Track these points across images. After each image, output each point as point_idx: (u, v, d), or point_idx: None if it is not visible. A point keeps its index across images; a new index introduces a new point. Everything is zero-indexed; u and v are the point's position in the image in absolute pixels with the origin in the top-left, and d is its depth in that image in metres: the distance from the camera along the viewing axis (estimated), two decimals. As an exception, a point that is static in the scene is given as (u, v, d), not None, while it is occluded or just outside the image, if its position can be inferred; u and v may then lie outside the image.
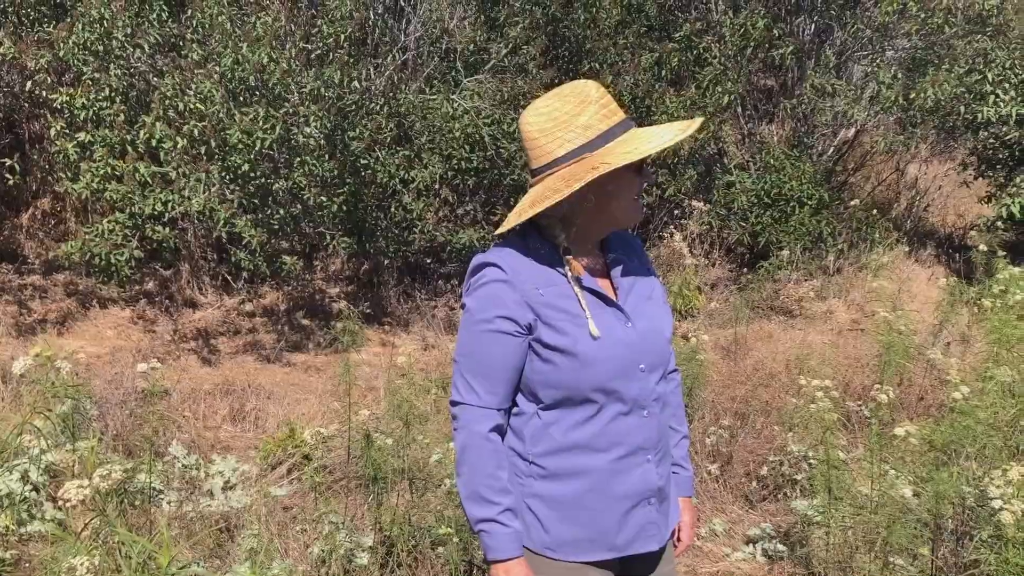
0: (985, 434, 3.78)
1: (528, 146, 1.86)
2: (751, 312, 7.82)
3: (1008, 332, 4.94)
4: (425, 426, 4.34)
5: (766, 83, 10.22)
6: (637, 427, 1.87)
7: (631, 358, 1.85)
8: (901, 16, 8.83)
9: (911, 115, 9.23)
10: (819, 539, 3.86)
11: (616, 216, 1.87)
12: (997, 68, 8.74)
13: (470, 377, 1.84)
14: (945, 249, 9.63)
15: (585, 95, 1.81)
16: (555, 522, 1.86)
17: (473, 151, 7.44)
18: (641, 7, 8.81)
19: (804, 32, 9.30)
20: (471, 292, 1.85)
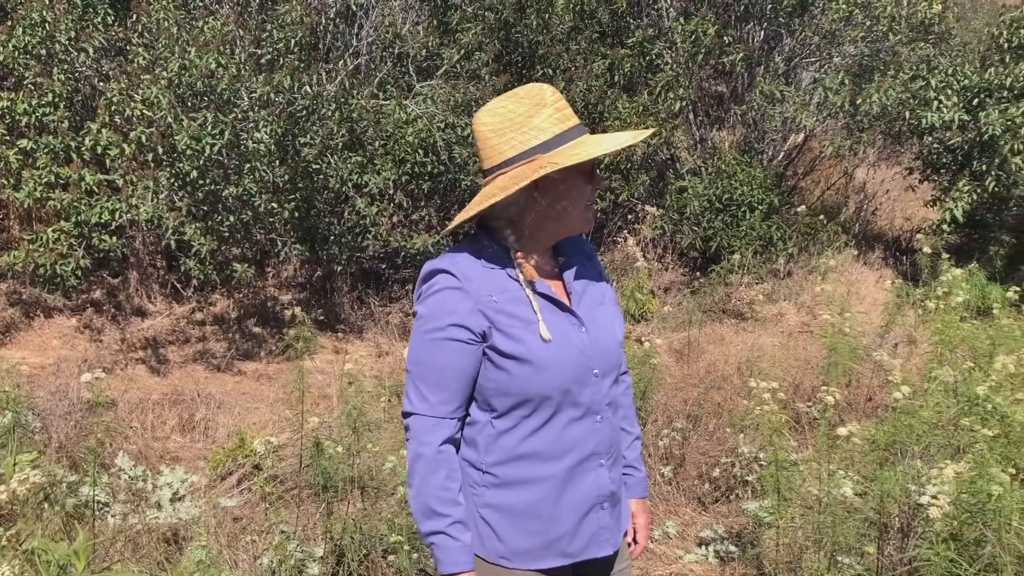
0: (928, 433, 3.86)
1: (481, 146, 1.86)
2: (703, 315, 7.90)
3: (951, 333, 5.05)
4: (378, 434, 4.32)
5: (717, 89, 10.35)
6: (590, 432, 1.87)
7: (584, 363, 1.85)
8: (847, 23, 9.00)
9: (858, 120, 9.41)
10: (769, 539, 3.90)
11: (566, 221, 1.86)
12: (940, 75, 8.94)
13: (422, 386, 1.82)
14: (892, 252, 9.82)
15: (540, 98, 1.81)
16: (509, 531, 1.86)
17: (427, 156, 7.42)
18: (594, 13, 8.86)
19: (754, 39, 9.43)
20: (423, 299, 1.83)
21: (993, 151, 8.22)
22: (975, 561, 2.85)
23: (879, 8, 8.77)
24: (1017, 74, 8.22)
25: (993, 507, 2.78)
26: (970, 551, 3.00)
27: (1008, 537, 2.78)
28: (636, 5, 9.23)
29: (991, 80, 8.47)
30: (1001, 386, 3.59)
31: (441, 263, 1.83)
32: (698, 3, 9.47)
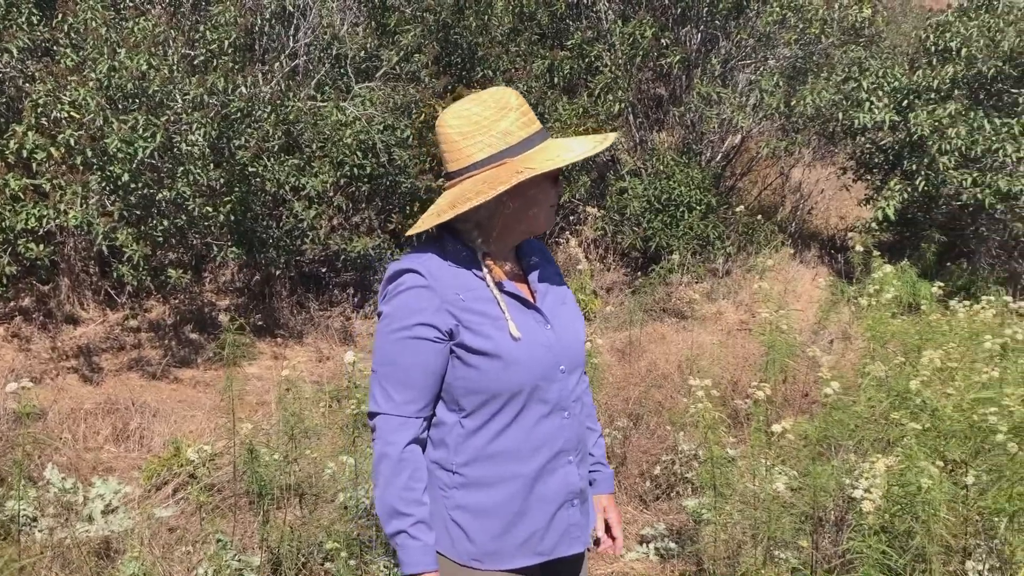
0: (860, 428, 3.94)
1: (446, 148, 1.86)
2: (645, 315, 7.98)
3: (882, 329, 5.17)
4: (317, 440, 4.26)
5: (656, 91, 10.46)
6: (559, 429, 1.89)
7: (551, 360, 1.87)
8: (781, 26, 9.17)
9: (793, 121, 9.59)
10: (708, 536, 3.95)
11: (533, 223, 1.89)
12: (871, 76, 9.16)
13: (389, 386, 1.81)
14: (828, 250, 10.03)
15: (505, 102, 1.83)
16: (480, 531, 1.86)
17: (366, 158, 7.35)
18: (533, 15, 8.89)
19: (691, 41, 9.55)
20: (389, 299, 1.83)
21: (922, 151, 8.45)
22: (905, 552, 2.91)
23: (811, 11, 8.95)
24: (943, 76, 8.46)
25: (922, 499, 2.84)
26: (900, 542, 3.07)
27: (936, 528, 2.85)
28: (575, 7, 9.28)
29: (919, 82, 8.70)
30: (930, 380, 3.68)
31: (407, 263, 1.83)
32: (636, 6, 9.56)
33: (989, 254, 9.14)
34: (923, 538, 2.83)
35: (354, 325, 7.78)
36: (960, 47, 8.39)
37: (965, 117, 7.97)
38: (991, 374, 3.69)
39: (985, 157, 7.74)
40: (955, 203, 9.01)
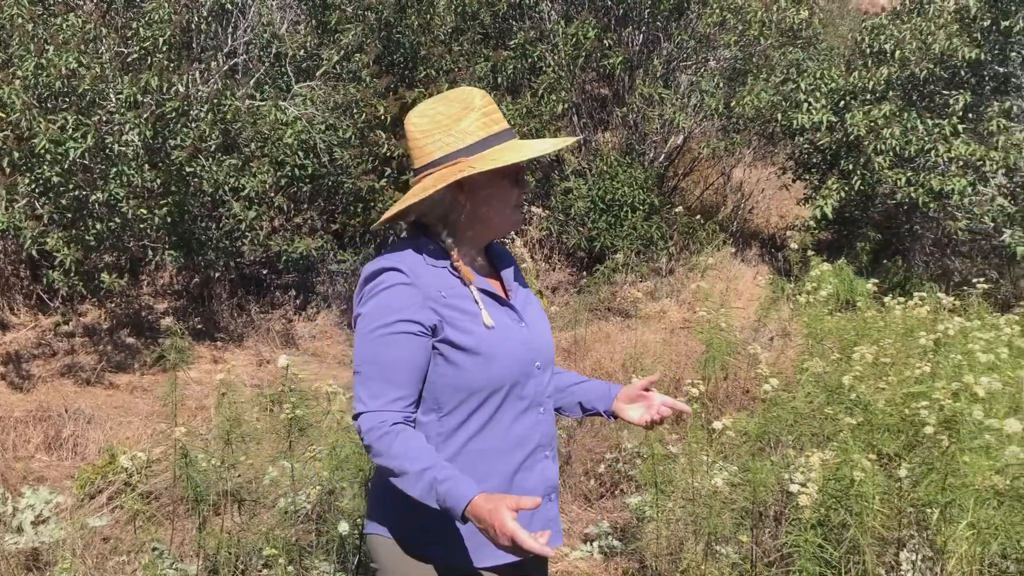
0: (798, 423, 4.00)
1: (410, 146, 1.91)
2: (590, 314, 8.01)
3: (819, 326, 5.26)
4: (257, 445, 4.18)
5: (600, 92, 10.52)
6: (535, 425, 1.91)
7: (527, 355, 1.89)
8: (721, 28, 9.28)
9: (733, 122, 9.72)
10: (650, 533, 3.97)
11: (492, 223, 1.91)
12: (809, 78, 9.33)
13: (374, 384, 1.79)
14: (768, 249, 10.19)
15: (469, 101, 1.86)
16: (463, 530, 1.84)
17: (307, 158, 7.25)
18: (476, 15, 8.87)
19: (633, 42, 9.62)
20: (370, 299, 1.82)
21: (858, 151, 8.63)
22: (840, 545, 2.96)
23: (750, 13, 9.08)
24: (878, 78, 8.65)
25: (856, 492, 2.89)
26: (836, 535, 3.12)
27: (870, 520, 2.89)
28: (518, 7, 9.28)
29: (855, 83, 8.89)
30: (864, 376, 3.75)
31: (386, 262, 1.83)
32: (579, 6, 9.60)
33: (923, 252, 9.37)
34: (857, 530, 2.88)
35: (296, 328, 7.68)
36: (894, 49, 8.59)
37: (899, 118, 8.16)
38: (923, 369, 3.77)
39: (918, 157, 7.93)
40: (890, 202, 9.23)
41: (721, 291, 8.01)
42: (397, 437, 1.74)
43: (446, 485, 1.68)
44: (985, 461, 2.57)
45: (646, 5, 9.31)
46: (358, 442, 3.42)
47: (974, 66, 8.20)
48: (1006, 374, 3.94)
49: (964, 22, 8.33)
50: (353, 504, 3.51)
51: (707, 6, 8.99)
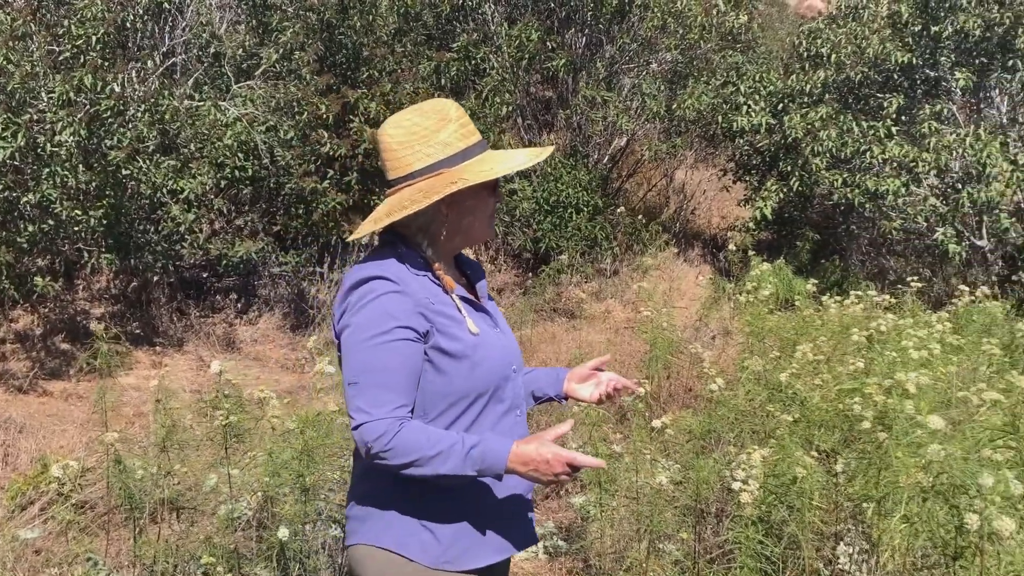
0: (739, 421, 4.06)
1: (386, 157, 1.90)
2: (536, 315, 8.04)
3: (759, 324, 5.35)
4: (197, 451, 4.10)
5: (545, 94, 10.56)
6: (514, 427, 1.93)
7: (506, 359, 1.92)
8: (662, 31, 9.39)
9: (675, 125, 9.84)
10: (595, 532, 3.99)
11: (471, 232, 1.94)
12: (748, 81, 9.49)
13: (376, 392, 1.76)
14: (710, 249, 10.33)
15: (445, 113, 1.88)
16: (451, 534, 1.85)
17: (248, 159, 7.15)
18: (418, 16, 8.83)
19: (576, 45, 9.68)
20: (360, 308, 1.80)
21: (796, 153, 8.80)
22: (779, 540, 3.00)
23: (690, 17, 9.19)
24: (815, 81, 8.83)
25: (795, 488, 2.94)
26: (776, 531, 3.17)
27: (808, 515, 2.95)
28: (461, 9, 9.27)
29: (793, 86, 9.06)
30: (800, 373, 3.82)
31: (372, 271, 1.82)
32: (522, 9, 9.63)
33: (860, 251, 9.59)
34: (796, 526, 2.93)
35: (237, 331, 7.56)
36: (830, 53, 8.78)
37: (835, 120, 8.33)
38: (858, 365, 3.86)
39: (854, 158, 8.11)
40: (828, 202, 9.43)
41: (664, 291, 8.10)
42: (410, 431, 1.75)
43: (480, 448, 1.73)
44: (912, 458, 2.64)
45: (588, 8, 9.37)
46: (296, 447, 3.38)
47: (906, 70, 8.41)
48: (938, 370, 4.05)
49: (896, 27, 8.56)
50: (294, 510, 3.47)
51: (648, 10, 9.09)
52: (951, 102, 8.49)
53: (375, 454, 1.75)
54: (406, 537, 1.85)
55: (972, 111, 8.71)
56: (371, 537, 1.88)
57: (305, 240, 7.80)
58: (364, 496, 1.92)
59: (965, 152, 7.63)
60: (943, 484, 2.37)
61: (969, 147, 7.54)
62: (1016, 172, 7.47)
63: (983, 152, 7.45)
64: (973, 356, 4.65)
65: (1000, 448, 3.08)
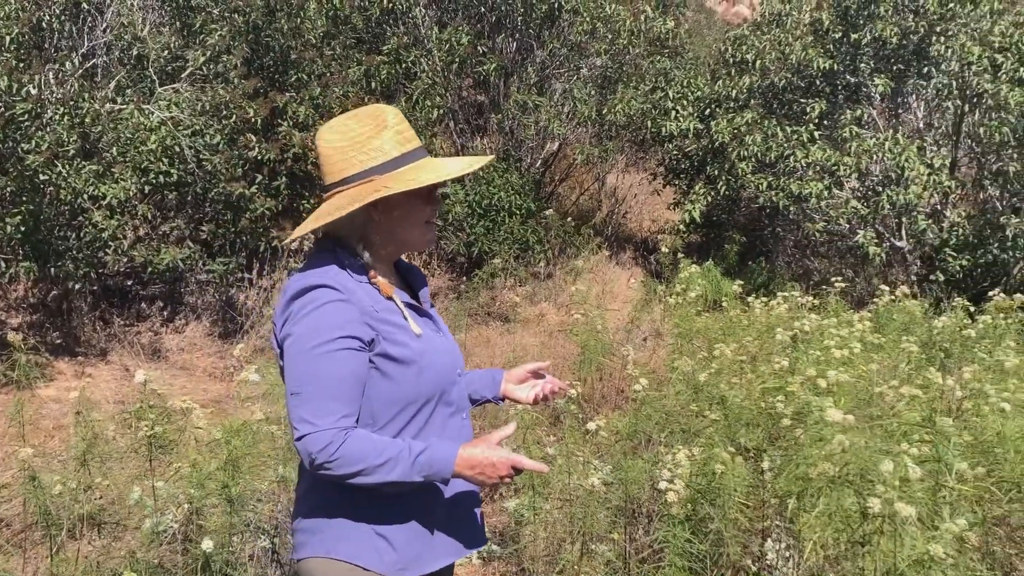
0: (670, 421, 4.12)
1: (322, 162, 1.89)
2: (470, 319, 8.03)
3: (688, 325, 5.44)
4: (121, 464, 3.99)
5: (476, 98, 10.57)
6: (460, 429, 1.94)
7: (450, 363, 1.94)
8: (592, 36, 9.48)
9: (606, 129, 9.94)
10: (528, 535, 4.00)
11: (405, 239, 1.92)
12: (676, 86, 9.65)
13: (320, 402, 1.75)
14: (641, 252, 10.47)
15: (382, 119, 1.87)
16: (404, 540, 1.85)
17: (173, 164, 6.99)
18: (348, 19, 8.75)
19: (507, 49, 9.71)
20: (303, 317, 1.79)
21: (723, 157, 8.97)
22: (705, 538, 3.05)
23: (619, 23, 9.30)
24: (741, 86, 9.02)
25: (718, 486, 2.99)
26: (704, 529, 3.22)
27: (731, 513, 3.00)
28: (391, 13, 9.22)
29: (720, 92, 9.25)
30: (723, 372, 3.89)
31: (315, 279, 1.81)
32: (453, 13, 9.62)
33: (786, 253, 9.83)
34: (720, 523, 2.98)
35: (164, 340, 7.38)
36: (755, 59, 8.98)
37: (760, 125, 8.53)
38: (782, 364, 3.94)
39: (779, 162, 8.31)
40: (754, 205, 9.64)
41: (597, 294, 8.17)
42: (356, 440, 1.74)
43: (427, 454, 1.75)
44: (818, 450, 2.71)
45: (519, 13, 9.41)
46: (222, 458, 3.32)
47: (828, 76, 8.65)
48: (859, 368, 4.16)
49: (818, 34, 8.79)
50: (220, 521, 3.40)
51: (578, 15, 9.17)
52: (871, 107, 8.76)
53: (320, 465, 1.73)
54: (361, 546, 1.84)
55: (891, 116, 9.00)
56: (324, 549, 1.86)
57: (233, 246, 7.66)
58: (312, 508, 1.90)
59: (884, 156, 7.88)
60: (848, 474, 2.45)
61: (888, 151, 7.78)
62: (932, 175, 7.74)
63: (901, 156, 7.70)
64: (893, 354, 4.79)
65: (916, 442, 3.18)
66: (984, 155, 8.57)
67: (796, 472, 2.90)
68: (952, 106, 8.61)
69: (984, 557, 2.97)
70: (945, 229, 8.23)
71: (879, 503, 2.32)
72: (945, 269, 7.95)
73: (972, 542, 2.55)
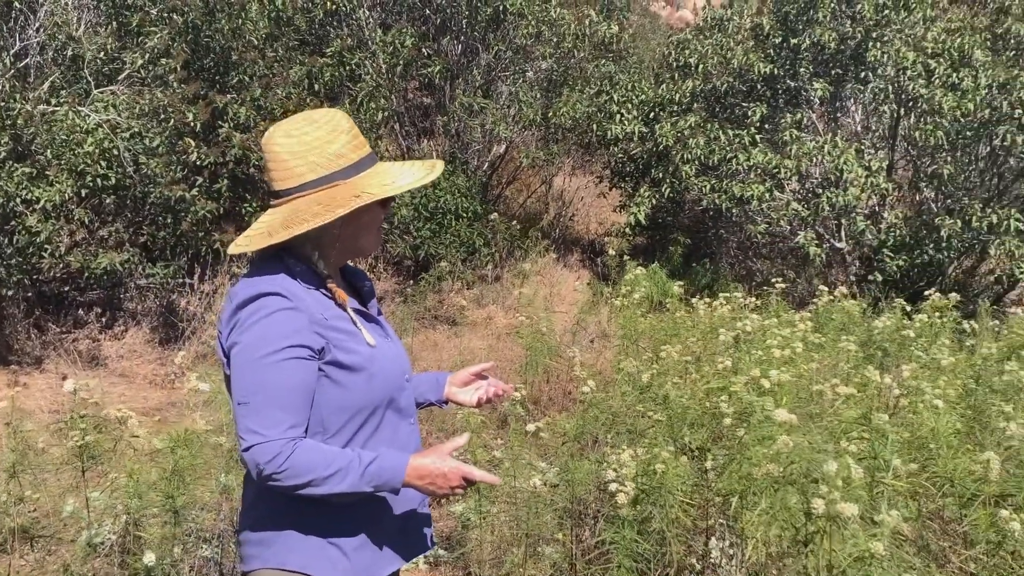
0: (617, 421, 4.14)
1: (275, 167, 1.84)
2: (417, 323, 7.99)
3: (633, 327, 5.48)
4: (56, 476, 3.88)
5: (422, 100, 10.53)
6: (410, 435, 1.94)
7: (399, 369, 1.92)
8: (537, 40, 9.51)
9: (552, 132, 9.98)
10: (474, 539, 3.99)
11: (362, 244, 1.92)
12: (621, 90, 9.73)
13: (269, 413, 1.71)
14: (588, 254, 10.53)
15: (336, 124, 1.84)
16: (356, 547, 1.84)
17: (111, 167, 6.83)
18: (291, 20, 8.65)
19: (452, 52, 9.69)
20: (251, 325, 1.75)
21: (667, 160, 9.07)
22: (648, 537, 3.07)
23: (564, 26, 9.35)
24: (684, 90, 9.13)
25: (660, 485, 3.01)
26: (648, 528, 3.24)
27: (674, 512, 3.02)
28: (335, 15, 9.14)
29: (664, 95, 9.34)
30: (667, 372, 3.92)
31: (264, 286, 1.77)
32: (397, 15, 9.57)
33: (729, 254, 9.97)
34: (663, 523, 3.00)
35: (103, 347, 7.21)
36: (698, 63, 9.09)
37: (703, 128, 8.64)
38: (725, 364, 3.99)
39: (721, 165, 8.43)
40: (698, 208, 9.76)
41: (545, 296, 8.19)
42: (304, 451, 1.72)
43: (377, 464, 1.74)
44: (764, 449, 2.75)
45: (464, 15, 9.40)
46: (163, 468, 3.25)
47: (768, 80, 8.80)
48: (800, 367, 4.23)
49: (759, 39, 8.94)
50: (162, 532, 3.32)
51: (523, 18, 9.19)
52: (811, 111, 8.93)
53: (268, 476, 1.71)
54: (313, 556, 1.82)
55: (830, 120, 9.19)
56: (276, 561, 1.83)
57: (174, 251, 7.51)
58: (260, 519, 1.87)
59: (824, 159, 8.04)
60: (792, 474, 2.48)
61: (827, 154, 7.94)
62: (870, 177, 7.92)
63: (840, 159, 7.86)
64: (833, 353, 4.88)
65: (855, 440, 3.24)
66: (919, 158, 8.80)
67: (739, 472, 2.94)
68: (888, 110, 8.82)
69: (919, 551, 3.04)
70: (883, 230, 8.42)
71: (823, 504, 2.36)
72: (883, 269, 8.14)
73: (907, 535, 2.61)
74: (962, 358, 4.58)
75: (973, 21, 8.58)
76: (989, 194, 8.36)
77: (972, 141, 8.15)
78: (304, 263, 1.86)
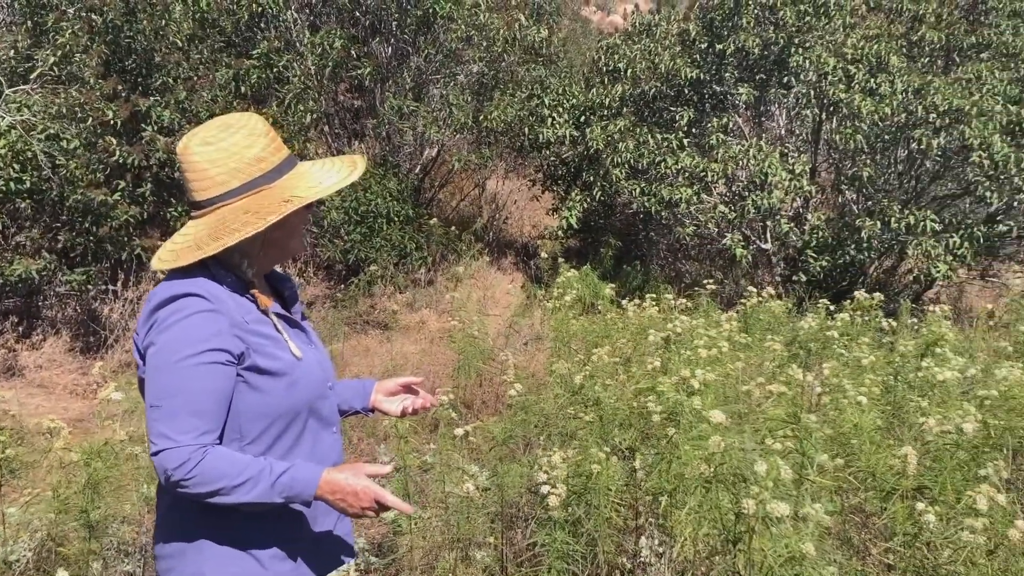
0: (549, 424, 4.15)
1: (193, 176, 1.78)
2: (348, 328, 7.90)
3: (565, 329, 5.50)
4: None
5: (353, 103, 10.42)
6: (332, 444, 1.91)
7: (321, 376, 1.89)
8: (467, 44, 9.50)
9: (484, 136, 9.98)
10: (406, 545, 3.95)
11: (289, 248, 1.89)
12: (552, 94, 9.78)
13: (182, 418, 1.67)
14: (522, 257, 10.55)
15: (253, 128, 1.81)
16: (274, 558, 1.80)
17: (25, 170, 6.59)
18: (216, 22, 8.48)
19: (383, 54, 9.62)
20: (168, 327, 1.70)
21: (598, 163, 9.14)
22: (579, 538, 3.08)
23: (494, 30, 9.36)
24: (614, 94, 9.22)
25: (591, 486, 3.03)
26: (578, 530, 3.25)
27: (604, 512, 3.04)
28: (261, 16, 8.99)
29: (594, 99, 9.42)
30: (600, 373, 3.94)
31: (183, 287, 1.73)
32: (326, 16, 9.46)
33: (659, 256, 10.10)
34: (593, 523, 3.02)
35: (20, 357, 6.95)
36: (626, 68, 9.19)
37: (633, 132, 8.73)
38: (655, 364, 4.03)
39: (650, 169, 8.53)
40: (629, 211, 9.86)
41: (479, 299, 8.19)
42: (215, 458, 1.68)
43: (289, 474, 1.70)
44: (696, 450, 2.78)
45: (393, 18, 9.34)
46: (81, 482, 3.14)
47: (695, 85, 8.94)
48: (727, 367, 4.30)
49: (686, 44, 9.08)
50: (78, 548, 3.21)
51: (453, 22, 9.17)
52: (736, 115, 9.10)
53: (176, 482, 1.66)
54: (228, 567, 1.78)
55: (755, 124, 9.38)
56: (191, 571, 1.78)
57: (95, 256, 7.28)
58: (174, 530, 1.82)
59: (749, 162, 8.19)
60: (724, 474, 2.52)
61: (753, 158, 8.10)
62: (794, 180, 8.10)
63: (765, 162, 8.02)
64: (759, 353, 4.97)
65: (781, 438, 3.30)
66: (841, 161, 9.04)
67: (669, 471, 2.97)
68: (811, 114, 9.04)
69: (842, 544, 3.12)
70: (806, 231, 8.63)
71: (753, 504, 2.39)
72: (807, 270, 8.33)
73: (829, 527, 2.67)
74: (881, 356, 4.71)
75: (890, 28, 8.85)
76: (907, 196, 8.63)
77: (890, 144, 8.40)
78: (232, 272, 1.82)
